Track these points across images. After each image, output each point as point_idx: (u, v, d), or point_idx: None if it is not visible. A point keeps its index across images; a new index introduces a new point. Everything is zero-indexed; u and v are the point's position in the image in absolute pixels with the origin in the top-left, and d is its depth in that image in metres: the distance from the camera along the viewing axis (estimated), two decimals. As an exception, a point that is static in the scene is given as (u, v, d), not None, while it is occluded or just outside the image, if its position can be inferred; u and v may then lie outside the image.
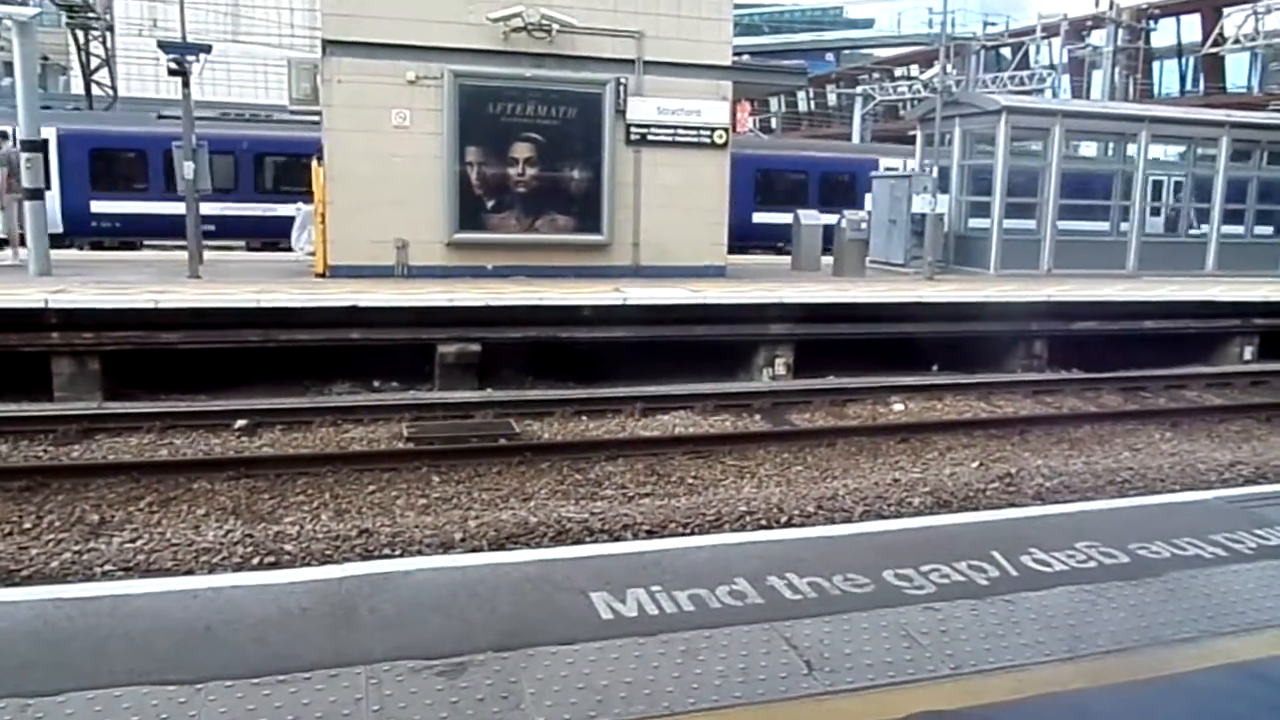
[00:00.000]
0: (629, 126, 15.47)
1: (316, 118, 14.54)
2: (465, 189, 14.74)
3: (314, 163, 14.65)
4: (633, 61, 15.30)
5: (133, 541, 6.94)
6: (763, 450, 9.79)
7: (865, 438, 10.29)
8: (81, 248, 20.36)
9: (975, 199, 19.02)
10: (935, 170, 18.00)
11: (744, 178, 23.16)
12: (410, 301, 12.25)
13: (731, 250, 16.58)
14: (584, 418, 10.88)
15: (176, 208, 16.39)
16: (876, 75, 44.01)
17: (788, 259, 19.59)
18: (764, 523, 7.55)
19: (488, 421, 10.44)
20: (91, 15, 28.80)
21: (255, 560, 6.65)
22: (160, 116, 22.52)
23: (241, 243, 21.86)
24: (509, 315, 12.52)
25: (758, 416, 11.30)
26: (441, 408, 10.82)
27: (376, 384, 12.42)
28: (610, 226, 15.44)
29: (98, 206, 18.58)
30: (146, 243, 21.63)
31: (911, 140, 21.39)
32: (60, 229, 20.62)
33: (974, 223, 19.10)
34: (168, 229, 20.44)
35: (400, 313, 12.12)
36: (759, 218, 24.59)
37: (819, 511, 7.78)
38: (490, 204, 14.96)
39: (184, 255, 14.66)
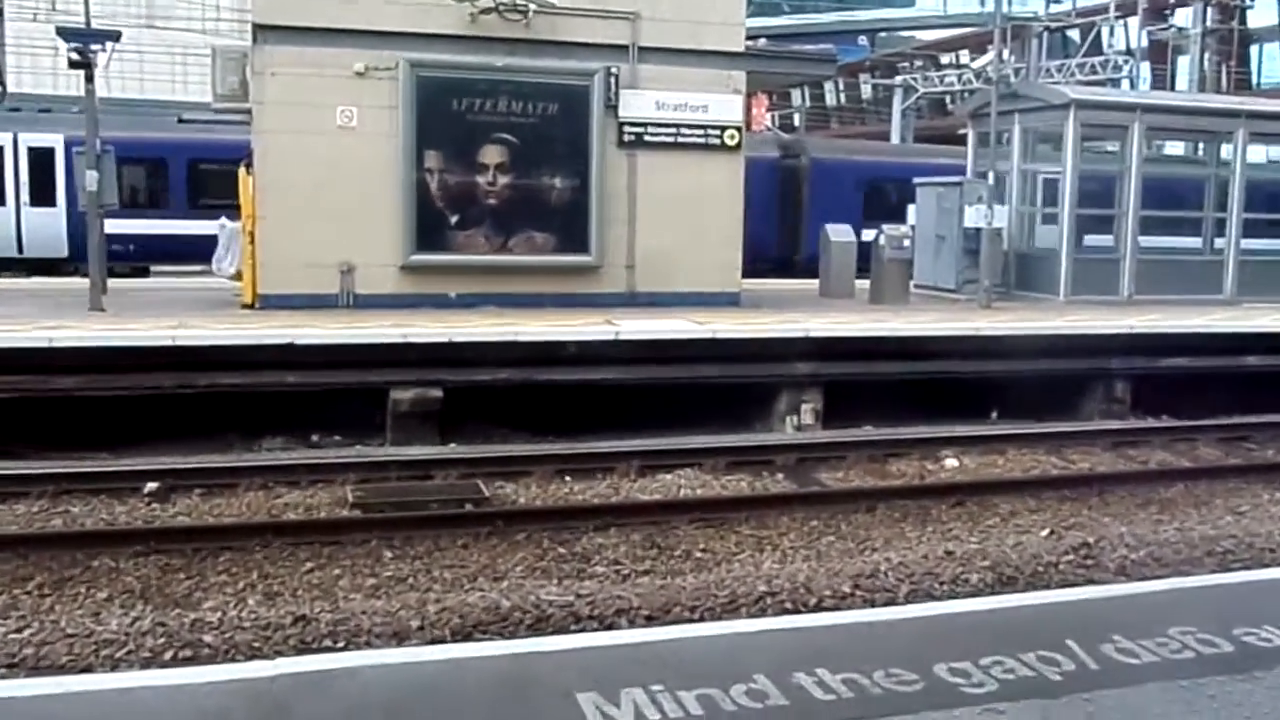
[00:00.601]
0: (622, 125, 15.63)
1: (249, 118, 14.69)
2: (424, 201, 14.86)
3: (241, 170, 14.76)
4: (626, 48, 15.50)
5: (19, 631, 6.89)
6: (786, 517, 9.77)
7: (911, 501, 10.28)
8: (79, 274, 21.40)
9: (1040, 210, 19.17)
10: (991, 176, 18.17)
11: (844, 189, 23.22)
12: (357, 337, 12.30)
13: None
14: (568, 478, 10.86)
15: (201, 226, 17.22)
16: (919, 63, 44.51)
17: (812, 284, 19.70)
18: (788, 606, 7.52)
19: (451, 483, 10.42)
20: (-26, -4, 29.09)
21: (168, 655, 6.60)
22: (181, 120, 23.52)
23: (181, 266, 22.40)
24: (477, 354, 12.56)
25: (780, 475, 11.30)
26: (395, 466, 10.81)
27: (316, 438, 12.43)
28: (600, 246, 15.55)
29: (111, 226, 19.08)
30: (155, 268, 22.63)
31: (961, 141, 21.62)
32: (65, 252, 21.94)
33: (1039, 239, 19.24)
34: (188, 251, 21.06)
35: (345, 351, 12.16)
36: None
37: (856, 592, 7.76)
38: (454, 219, 15.07)
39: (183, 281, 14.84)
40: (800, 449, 12.02)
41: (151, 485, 10.03)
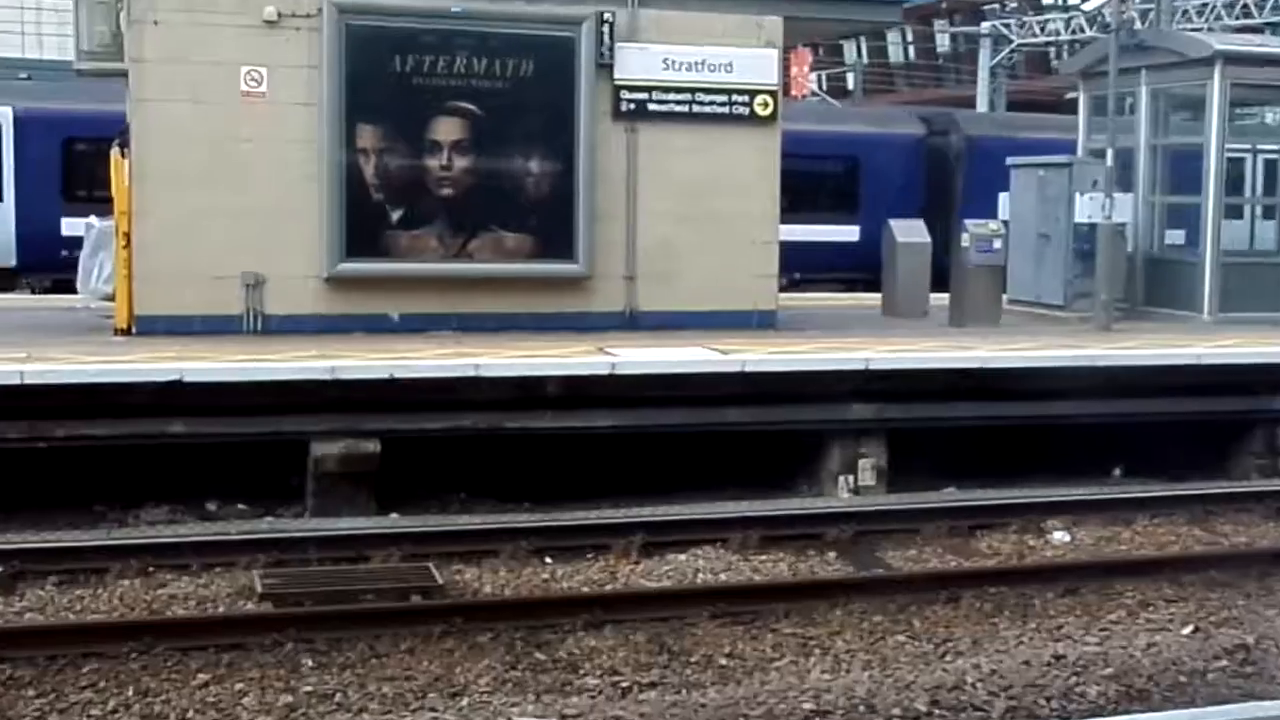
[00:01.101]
0: (618, 91, 15.73)
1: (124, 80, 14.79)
2: (357, 192, 14.94)
3: (114, 151, 14.82)
4: (624, -12, 15.70)
5: None
6: (841, 610, 9.72)
7: (1007, 588, 10.23)
8: (36, 290, 22.26)
9: (1176, 199, 19.22)
10: (1110, 155, 18.22)
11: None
12: (268, 373, 12.30)
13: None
14: (549, 559, 10.83)
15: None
16: (1012, 5, 44.81)
17: (872, 301, 19.74)
18: (844, 729, 7.49)
19: (392, 567, 10.39)
20: None
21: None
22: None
23: None
24: (427, 394, 12.55)
25: (831, 555, 11.27)
26: (317, 545, 10.78)
27: (212, 507, 12.42)
28: (590, 250, 15.61)
29: (70, 227, 19.87)
30: None
31: (1070, 108, 21.73)
32: (13, 261, 22.51)
33: (1174, 238, 19.26)
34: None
35: (251, 391, 12.16)
36: None
37: (934, 711, 7.73)
38: (397, 216, 15.14)
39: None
40: (858, 519, 11.99)
41: (-8, 571, 9.99)
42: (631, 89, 15.75)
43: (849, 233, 25.18)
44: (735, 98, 16.03)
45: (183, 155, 14.47)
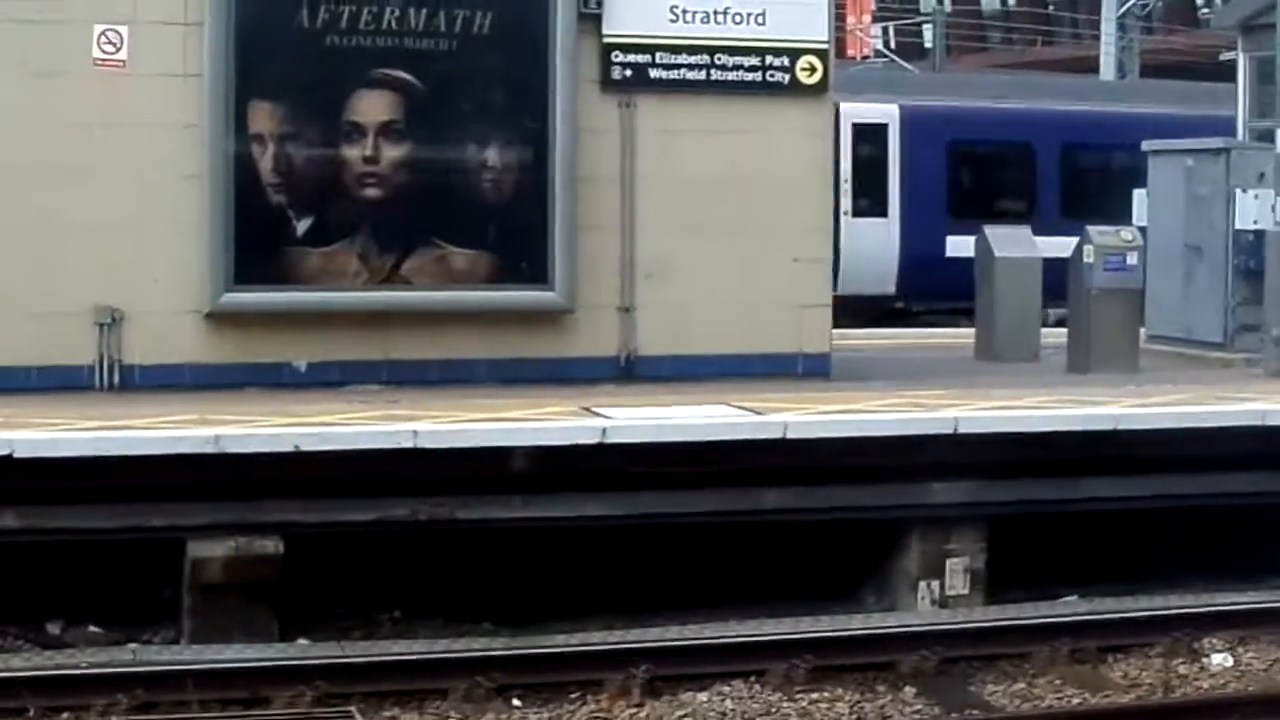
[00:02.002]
0: (609, 51, 15.90)
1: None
2: (250, 194, 15.05)
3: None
4: (616, -86, 15.81)
5: None
6: (921, 766, 9.76)
7: (1150, 734, 10.28)
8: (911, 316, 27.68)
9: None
10: (1283, 137, 18.33)
11: None
12: (127, 446, 12.32)
13: None
14: (516, 701, 10.83)
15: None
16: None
17: (961, 339, 19.81)
18: None
19: (302, 713, 10.38)
20: None
21: None
22: None
23: None
24: (346, 474, 12.58)
25: (909, 691, 11.27)
26: (199, 682, 10.78)
27: (55, 629, 12.43)
28: (569, 272, 15.71)
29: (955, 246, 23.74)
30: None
31: (1226, 74, 21.80)
32: (892, 288, 28.02)
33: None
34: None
35: (105, 471, 12.16)
36: None
37: None
38: (304, 226, 15.27)
39: None
40: (946, 641, 11.97)
41: None
42: (627, 48, 15.93)
43: None
44: (771, 60, 16.21)
45: (14, 147, 14.57)
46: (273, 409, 13.62)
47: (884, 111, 28.77)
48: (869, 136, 28.41)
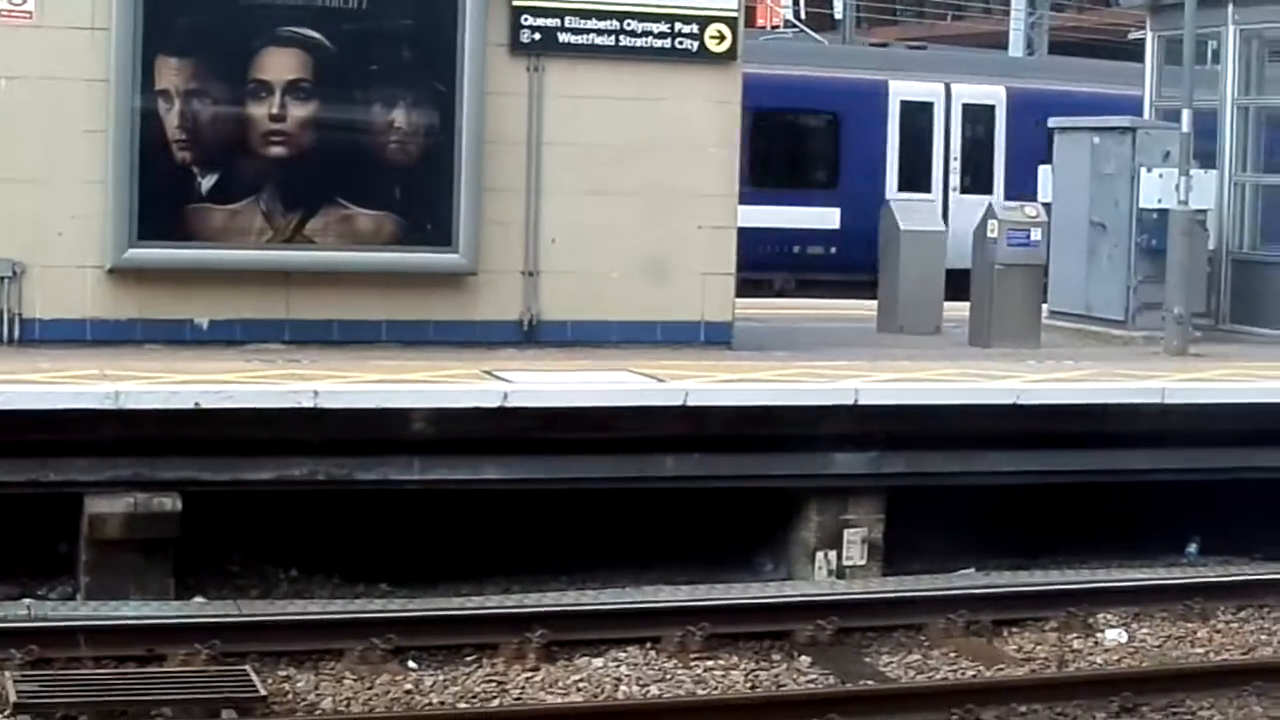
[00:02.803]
0: (518, 14, 15.80)
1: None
2: (155, 150, 14.90)
3: None
4: None
5: None
6: (815, 736, 9.78)
7: (1042, 706, 10.27)
8: None
9: (1276, 180, 19.42)
10: (1186, 118, 18.40)
11: None
12: (25, 399, 12.23)
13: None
14: (412, 663, 10.79)
15: None
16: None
17: (863, 310, 19.85)
18: None
19: (197, 670, 10.31)
20: None
21: None
22: None
23: None
24: (245, 433, 12.52)
25: (805, 660, 11.25)
26: (93, 639, 10.67)
27: (-53, 585, 12.30)
28: (473, 234, 15.66)
29: None
30: None
31: (1133, 54, 21.91)
32: None
33: (1271, 233, 19.42)
34: None
35: (2, 425, 12.04)
36: None
37: None
38: (209, 183, 15.13)
39: None
40: (842, 611, 11.97)
41: None
42: (536, 11, 15.84)
43: None
44: (680, 27, 16.16)
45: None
46: (174, 366, 13.54)
47: (991, 93, 30.14)
48: (976, 117, 29.51)
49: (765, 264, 26.61)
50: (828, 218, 28.54)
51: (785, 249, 28.45)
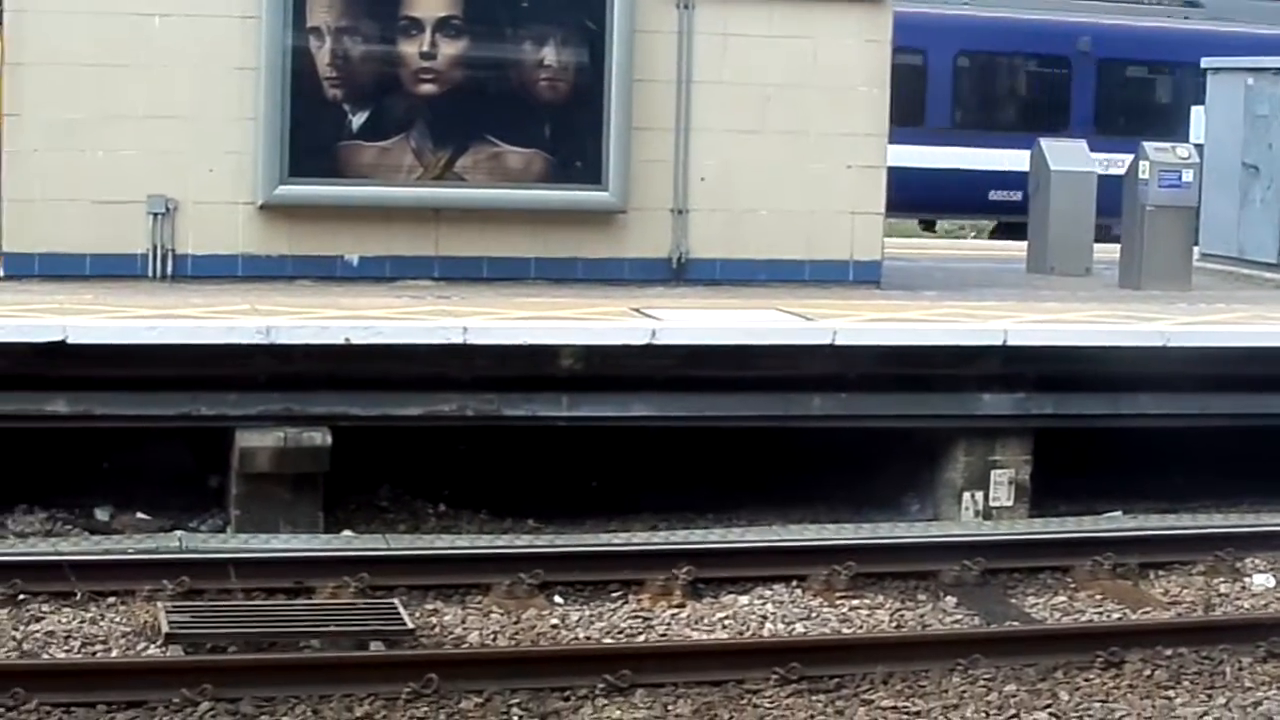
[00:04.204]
0: (669, -49, 15.75)
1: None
2: (305, 88, 15.01)
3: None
4: None
5: None
6: (960, 676, 9.68)
7: (1188, 650, 10.16)
8: None
9: None
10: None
11: None
12: (179, 334, 12.38)
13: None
14: (558, 598, 10.87)
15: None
16: None
17: (1013, 251, 19.65)
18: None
19: (346, 604, 10.43)
20: None
21: None
22: None
23: None
24: (396, 368, 12.61)
25: (951, 600, 11.26)
26: (243, 571, 10.82)
27: (104, 515, 12.52)
28: (623, 174, 15.64)
29: None
30: None
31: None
32: None
33: None
34: None
35: (156, 359, 12.23)
36: None
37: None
38: (359, 120, 15.21)
39: None
40: (988, 552, 11.92)
41: None
42: (687, -52, 15.78)
43: None
44: (831, -38, 16.04)
45: (71, 34, 14.54)
46: (324, 301, 13.66)
47: None
48: None
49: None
50: None
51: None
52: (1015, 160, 23.23)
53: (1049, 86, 28.69)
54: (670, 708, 9.12)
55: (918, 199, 25.15)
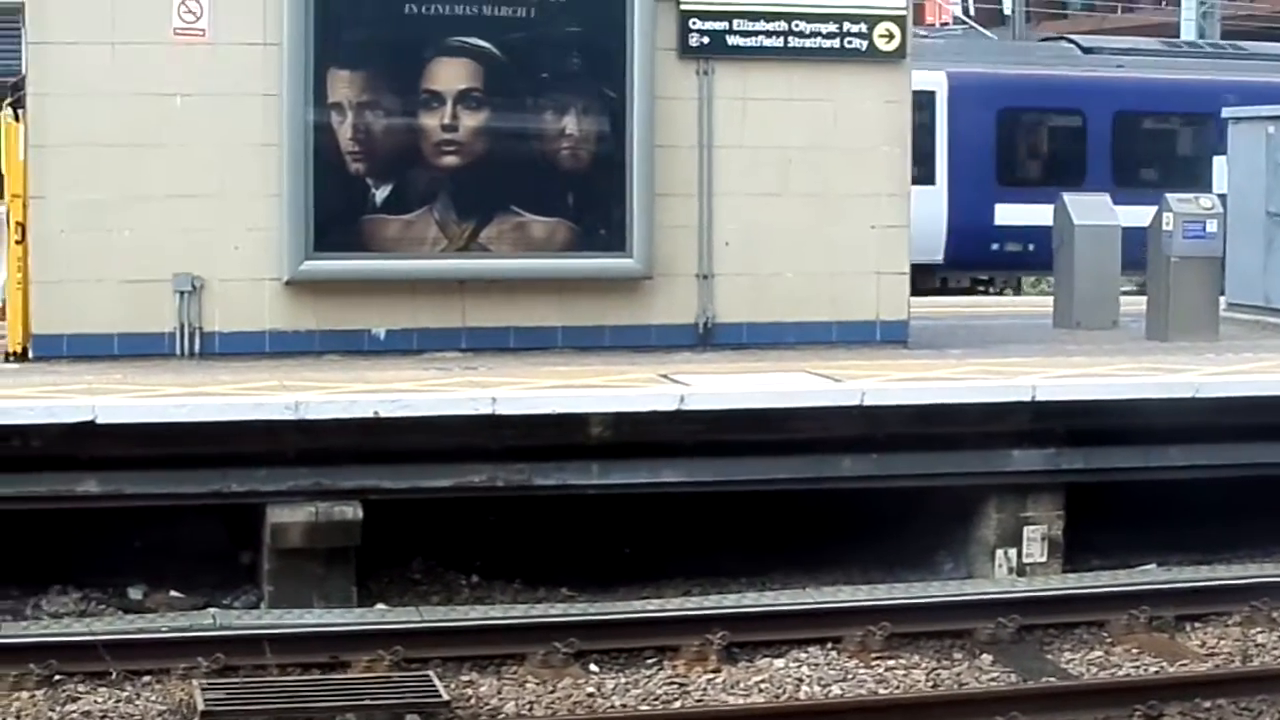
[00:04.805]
0: (686, 18, 15.78)
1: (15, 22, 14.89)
2: (329, 162, 15.05)
3: (3, 113, 14.99)
4: None
5: None
6: (1000, 734, 9.71)
7: (1227, 702, 10.15)
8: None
9: None
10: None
11: None
12: (207, 412, 12.38)
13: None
14: (594, 667, 10.85)
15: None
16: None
17: (1038, 307, 19.63)
18: None
19: (380, 677, 10.41)
20: None
21: None
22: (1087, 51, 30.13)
23: None
24: (425, 440, 12.61)
25: (987, 659, 11.21)
26: (278, 647, 10.81)
27: (137, 594, 12.52)
28: (648, 240, 15.66)
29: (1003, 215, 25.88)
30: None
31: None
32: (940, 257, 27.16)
33: None
34: None
35: (185, 437, 12.24)
36: None
37: None
38: (383, 194, 15.25)
39: None
40: (1023, 608, 11.91)
41: None
42: (704, 15, 15.80)
43: None
44: (848, 26, 16.05)
45: (95, 117, 14.62)
46: (352, 376, 13.66)
47: None
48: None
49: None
50: None
51: None
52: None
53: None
54: (709, 773, 9.11)
55: None
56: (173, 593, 12.55)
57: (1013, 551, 13.49)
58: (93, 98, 14.63)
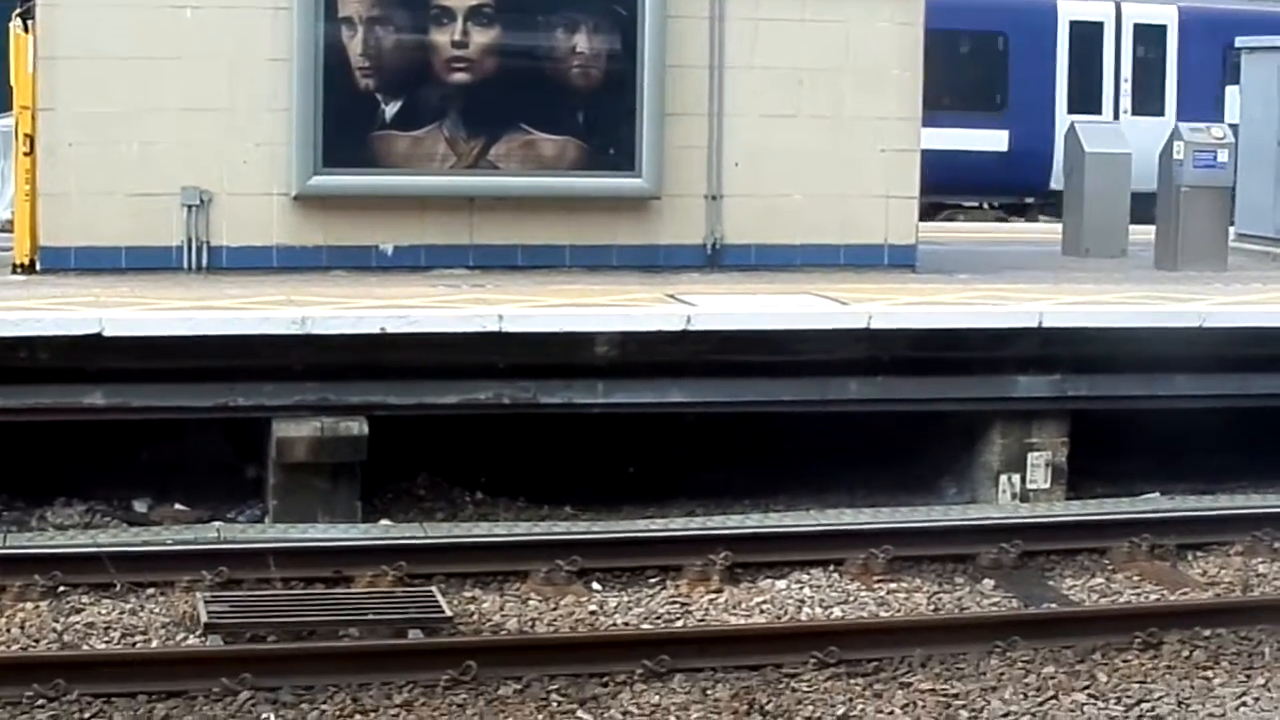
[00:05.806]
0: (699, -64, 15.72)
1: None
2: (338, 78, 15.01)
3: (13, 23, 14.92)
4: None
5: None
6: (998, 659, 9.67)
7: (1226, 630, 10.12)
8: None
9: None
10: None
11: None
12: (214, 325, 12.41)
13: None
14: (596, 585, 10.88)
15: None
16: None
17: (1048, 234, 19.59)
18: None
19: (384, 592, 10.46)
20: None
21: None
22: None
23: None
24: (430, 357, 12.62)
25: (988, 583, 11.25)
26: (281, 560, 10.86)
27: (142, 506, 12.59)
28: (657, 160, 15.62)
29: None
30: None
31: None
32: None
33: None
34: None
35: (192, 350, 12.27)
36: None
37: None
38: (392, 110, 15.22)
39: None
40: (1025, 534, 11.93)
41: None
42: (718, -68, 15.76)
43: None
44: (865, -50, 16.00)
45: (104, 28, 14.58)
46: (359, 292, 13.69)
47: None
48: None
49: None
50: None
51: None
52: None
53: None
54: (709, 692, 9.12)
55: None
56: (178, 506, 12.62)
57: (1016, 477, 13.52)
58: (102, 9, 14.60)
